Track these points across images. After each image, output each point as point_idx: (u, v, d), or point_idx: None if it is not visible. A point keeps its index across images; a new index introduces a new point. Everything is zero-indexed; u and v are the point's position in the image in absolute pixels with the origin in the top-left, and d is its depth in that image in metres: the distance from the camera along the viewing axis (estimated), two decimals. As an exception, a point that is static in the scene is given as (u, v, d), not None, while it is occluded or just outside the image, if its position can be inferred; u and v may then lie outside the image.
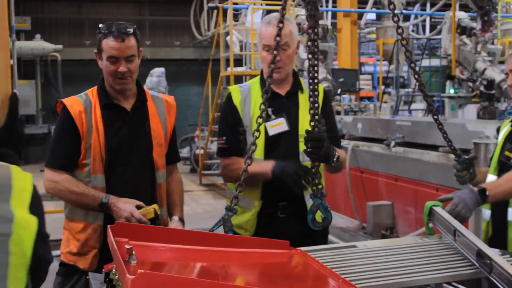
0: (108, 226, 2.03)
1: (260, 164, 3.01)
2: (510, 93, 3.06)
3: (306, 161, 3.00)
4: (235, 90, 3.22)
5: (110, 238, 1.90)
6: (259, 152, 3.05)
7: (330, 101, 3.33)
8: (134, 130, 3.07)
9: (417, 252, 2.42)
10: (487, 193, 2.70)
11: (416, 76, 2.99)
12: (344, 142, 8.20)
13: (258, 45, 3.15)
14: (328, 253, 2.42)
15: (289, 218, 3.11)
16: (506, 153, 2.97)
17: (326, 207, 2.87)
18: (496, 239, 2.93)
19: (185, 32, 20.89)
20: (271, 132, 3.11)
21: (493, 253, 2.15)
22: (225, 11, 12.86)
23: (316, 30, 2.79)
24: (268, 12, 14.54)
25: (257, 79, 3.25)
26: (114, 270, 1.94)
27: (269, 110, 3.08)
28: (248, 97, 3.17)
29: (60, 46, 17.24)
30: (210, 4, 14.10)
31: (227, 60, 12.50)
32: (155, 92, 3.31)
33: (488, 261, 2.13)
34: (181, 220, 3.18)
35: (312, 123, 2.82)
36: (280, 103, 3.15)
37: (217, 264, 2.10)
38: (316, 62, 2.80)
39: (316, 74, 2.81)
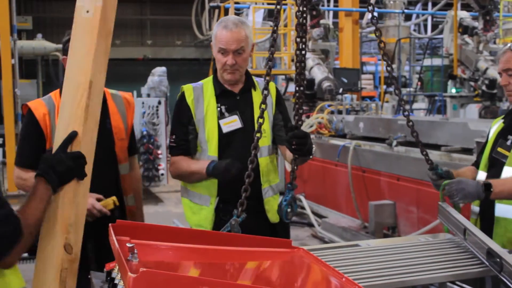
0: (110, 224, 2.01)
1: (198, 162, 3.13)
2: (505, 92, 3.01)
3: (263, 156, 3.17)
4: (188, 89, 3.25)
5: (112, 237, 1.89)
6: (213, 150, 3.13)
7: (282, 97, 3.43)
8: None
9: (422, 251, 2.41)
10: (492, 189, 2.68)
11: (393, 80, 3.10)
12: (345, 142, 8.19)
13: (213, 46, 3.17)
14: (331, 252, 2.41)
15: (248, 215, 3.12)
16: (499, 149, 2.93)
17: (295, 199, 2.97)
18: None
19: (187, 32, 20.89)
20: (225, 130, 3.16)
21: (504, 252, 2.14)
22: (226, 10, 12.85)
23: (303, 47, 2.88)
24: (270, 11, 14.55)
25: (210, 78, 3.30)
26: (115, 269, 1.93)
27: (223, 108, 3.17)
28: (201, 96, 3.21)
29: (61, 46, 17.24)
30: (212, 4, 14.09)
31: (229, 60, 12.49)
32: (115, 91, 3.47)
33: (499, 260, 2.11)
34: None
35: (296, 119, 2.91)
36: (233, 101, 3.21)
37: (219, 263, 2.09)
38: (303, 64, 2.89)
39: (303, 76, 2.89)
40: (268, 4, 13.06)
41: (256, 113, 3.18)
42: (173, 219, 9.18)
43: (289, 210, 2.93)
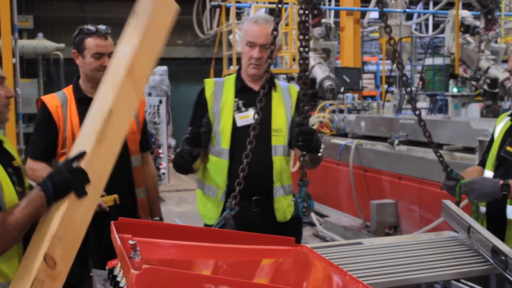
0: (112, 222, 2.00)
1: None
2: None
3: (278, 155, 3.17)
4: (209, 83, 3.30)
5: (114, 234, 1.88)
6: (225, 142, 3.16)
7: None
8: None
9: (426, 248, 2.40)
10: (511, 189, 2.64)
11: (404, 78, 3.06)
12: (347, 141, 8.18)
13: (241, 42, 3.22)
14: (334, 250, 2.40)
15: (258, 212, 3.14)
16: (508, 148, 2.87)
17: (309, 195, 3.00)
18: None
19: (188, 31, 20.87)
20: (239, 123, 3.18)
21: (509, 250, 2.12)
22: (227, 10, 12.84)
23: (307, 45, 2.94)
24: (271, 10, 14.54)
25: (234, 76, 3.34)
26: (117, 266, 1.92)
27: (240, 102, 3.20)
28: (221, 90, 3.25)
29: (62, 45, 17.21)
30: (213, 3, 14.07)
31: (230, 59, 12.47)
32: None
33: (504, 258, 2.10)
34: (161, 219, 3.61)
35: (302, 116, 2.97)
36: (252, 98, 3.16)
37: (222, 261, 2.08)
38: (307, 61, 2.95)
39: (307, 73, 2.96)
40: (269, 3, 13.05)
41: (274, 111, 3.22)
42: (174, 218, 9.18)
43: (304, 206, 2.95)
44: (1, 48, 9.49)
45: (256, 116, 2.79)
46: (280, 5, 2.83)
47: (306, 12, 2.91)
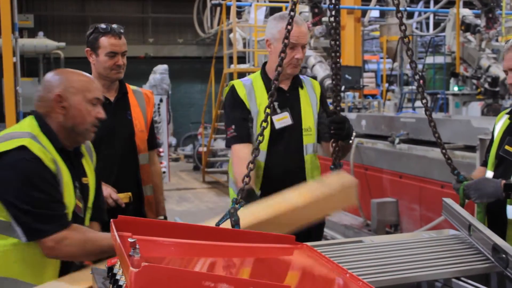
0: (111, 220, 1.99)
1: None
2: (511, 91, 2.96)
3: (309, 153, 3.26)
4: (238, 84, 3.28)
5: (113, 232, 1.87)
6: (263, 145, 3.11)
7: (325, 95, 3.59)
8: (117, 118, 3.42)
9: (426, 247, 2.39)
10: None
11: (416, 76, 3.02)
12: (348, 139, 8.15)
13: (272, 42, 3.19)
14: (334, 248, 2.39)
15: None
16: (507, 147, 2.84)
17: None
18: None
19: (188, 30, 20.88)
20: (277, 126, 3.21)
21: (510, 248, 2.12)
22: (228, 8, 12.83)
23: (337, 28, 3.01)
24: (272, 9, 14.52)
25: (257, 74, 3.34)
26: (117, 265, 1.91)
27: (275, 104, 3.19)
28: (252, 91, 3.24)
29: (63, 44, 17.23)
30: (213, 1, 14.06)
31: (230, 58, 12.48)
32: (136, 87, 3.70)
33: (504, 256, 2.10)
34: (165, 218, 3.70)
35: (335, 105, 3.07)
36: (284, 98, 3.26)
37: (221, 259, 2.07)
38: (338, 54, 3.03)
39: (338, 65, 3.05)
40: (270, 1, 13.05)
41: (304, 110, 3.28)
42: (175, 217, 9.18)
43: None
44: (2, 47, 9.49)
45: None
46: (294, 12, 2.82)
47: (337, 7, 3.00)
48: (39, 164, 2.32)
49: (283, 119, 3.21)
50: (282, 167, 3.20)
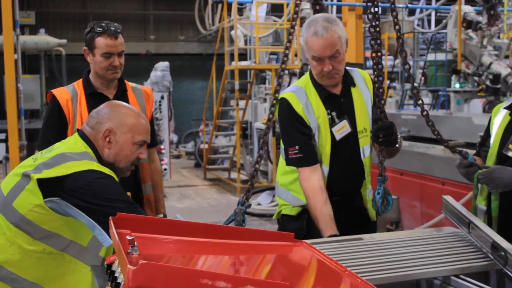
0: (110, 217, 1.99)
1: (326, 219, 2.90)
2: None
3: (366, 156, 3.09)
4: (292, 98, 3.02)
5: (112, 230, 1.87)
6: (326, 160, 3.00)
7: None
8: None
9: (426, 244, 2.39)
10: None
11: (410, 78, 3.06)
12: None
13: (306, 52, 2.97)
14: (334, 246, 2.39)
15: (345, 212, 3.05)
16: (511, 146, 2.78)
17: (388, 191, 2.99)
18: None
19: (190, 27, 20.86)
20: (338, 137, 3.02)
21: (509, 246, 2.11)
22: (229, 5, 12.81)
23: (378, 29, 2.95)
24: (273, 6, 14.50)
25: (307, 80, 3.09)
26: (116, 262, 1.91)
27: (334, 114, 3.01)
28: (309, 103, 3.02)
29: (64, 41, 17.24)
30: (215, -2, 14.09)
31: (232, 55, 12.46)
32: (136, 84, 3.67)
33: (503, 254, 2.09)
34: (165, 216, 3.63)
35: (379, 111, 2.95)
36: (339, 104, 3.05)
37: (220, 256, 2.07)
38: (380, 60, 2.94)
39: (381, 69, 2.97)
40: (271, -2, 13.01)
41: (358, 111, 3.07)
42: (176, 214, 9.19)
43: (383, 203, 2.96)
44: (3, 44, 9.49)
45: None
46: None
47: (375, 3, 2.95)
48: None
49: (342, 129, 3.02)
50: (343, 178, 3.05)
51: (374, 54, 2.94)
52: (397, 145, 3.05)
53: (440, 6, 18.97)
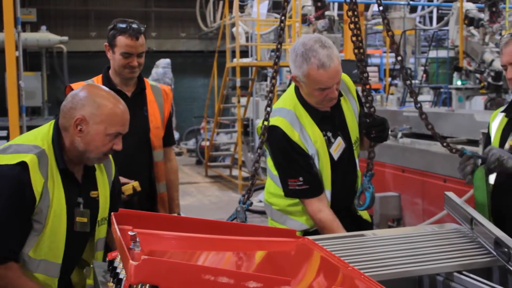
0: (112, 213, 2.00)
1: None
2: (510, 86, 2.81)
3: (357, 162, 3.07)
4: (286, 126, 2.87)
5: (114, 226, 1.87)
6: (328, 184, 2.92)
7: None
8: (133, 113, 3.38)
9: (428, 240, 2.39)
10: None
11: (404, 75, 3.05)
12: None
13: (300, 80, 2.82)
14: (336, 242, 2.39)
15: (343, 222, 2.97)
16: (511, 143, 2.80)
17: (369, 188, 2.95)
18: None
19: (191, 24, 20.84)
20: (336, 156, 2.94)
21: (512, 242, 2.11)
22: (231, 2, 12.80)
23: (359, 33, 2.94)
24: (274, 3, 14.48)
25: (294, 100, 2.94)
26: (118, 258, 1.91)
27: (329, 134, 2.92)
28: (303, 128, 2.89)
29: (65, 38, 17.21)
30: (216, -5, 14.08)
31: (233, 52, 12.45)
32: (155, 83, 3.66)
33: (506, 250, 2.09)
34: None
35: (368, 106, 2.93)
36: (331, 122, 2.96)
37: (223, 252, 2.07)
38: (362, 56, 2.94)
39: (365, 66, 2.98)
40: (273, -5, 12.99)
41: (350, 123, 2.99)
42: (177, 211, 9.18)
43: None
44: (4, 41, 9.48)
45: None
46: None
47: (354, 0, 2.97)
48: (23, 187, 2.29)
49: (338, 146, 2.94)
50: (343, 194, 2.99)
51: (356, 51, 2.93)
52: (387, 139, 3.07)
53: (442, 3, 18.93)
